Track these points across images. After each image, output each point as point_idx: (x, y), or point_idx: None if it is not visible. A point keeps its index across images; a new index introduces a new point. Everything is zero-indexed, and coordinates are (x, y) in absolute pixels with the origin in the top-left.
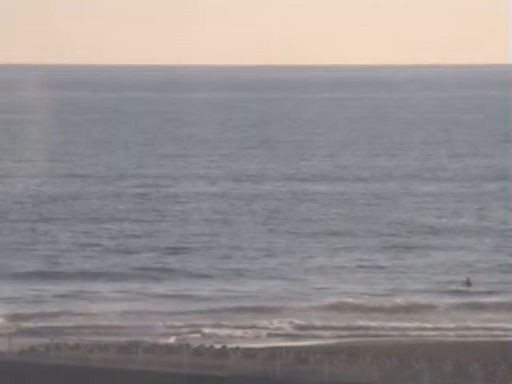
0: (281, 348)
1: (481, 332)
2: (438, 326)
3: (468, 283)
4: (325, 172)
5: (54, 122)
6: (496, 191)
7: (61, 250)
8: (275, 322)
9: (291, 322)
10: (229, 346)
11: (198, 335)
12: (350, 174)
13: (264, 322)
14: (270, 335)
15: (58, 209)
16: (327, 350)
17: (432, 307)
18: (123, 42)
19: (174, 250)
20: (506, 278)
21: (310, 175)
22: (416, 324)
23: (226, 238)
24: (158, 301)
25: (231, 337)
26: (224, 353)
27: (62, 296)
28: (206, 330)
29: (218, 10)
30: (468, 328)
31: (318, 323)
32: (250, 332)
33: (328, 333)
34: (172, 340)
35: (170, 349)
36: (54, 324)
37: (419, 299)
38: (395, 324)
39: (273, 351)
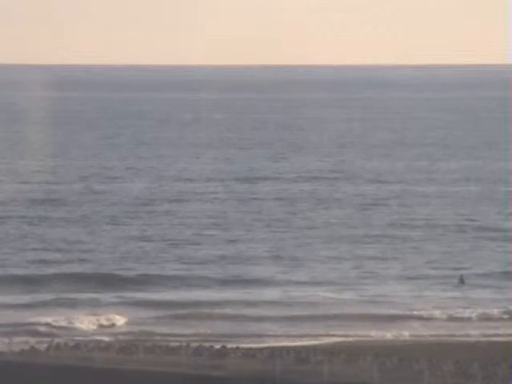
0: (281, 348)
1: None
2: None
3: (461, 281)
4: (323, 173)
5: (53, 122)
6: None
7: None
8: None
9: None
10: (228, 345)
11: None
12: (346, 175)
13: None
14: None
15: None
16: (327, 350)
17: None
18: (123, 42)
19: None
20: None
21: (309, 176)
22: None
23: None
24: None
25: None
26: (224, 353)
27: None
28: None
29: (218, 9)
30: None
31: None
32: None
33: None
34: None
35: (169, 349)
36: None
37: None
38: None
39: (273, 351)
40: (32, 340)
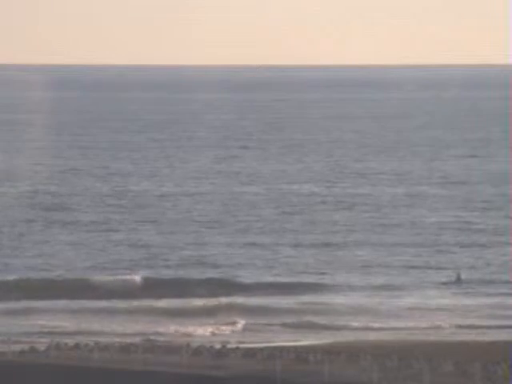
0: (281, 348)
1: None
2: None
3: (458, 279)
4: (322, 174)
5: (52, 123)
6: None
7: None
8: None
9: None
10: (228, 345)
11: None
12: (345, 175)
13: None
14: None
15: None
16: (327, 350)
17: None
18: (123, 42)
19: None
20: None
21: (308, 176)
22: None
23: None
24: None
25: None
26: (224, 353)
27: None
28: None
29: (218, 10)
30: None
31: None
32: None
33: None
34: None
35: (169, 349)
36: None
37: None
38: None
39: (273, 351)
40: (32, 340)
